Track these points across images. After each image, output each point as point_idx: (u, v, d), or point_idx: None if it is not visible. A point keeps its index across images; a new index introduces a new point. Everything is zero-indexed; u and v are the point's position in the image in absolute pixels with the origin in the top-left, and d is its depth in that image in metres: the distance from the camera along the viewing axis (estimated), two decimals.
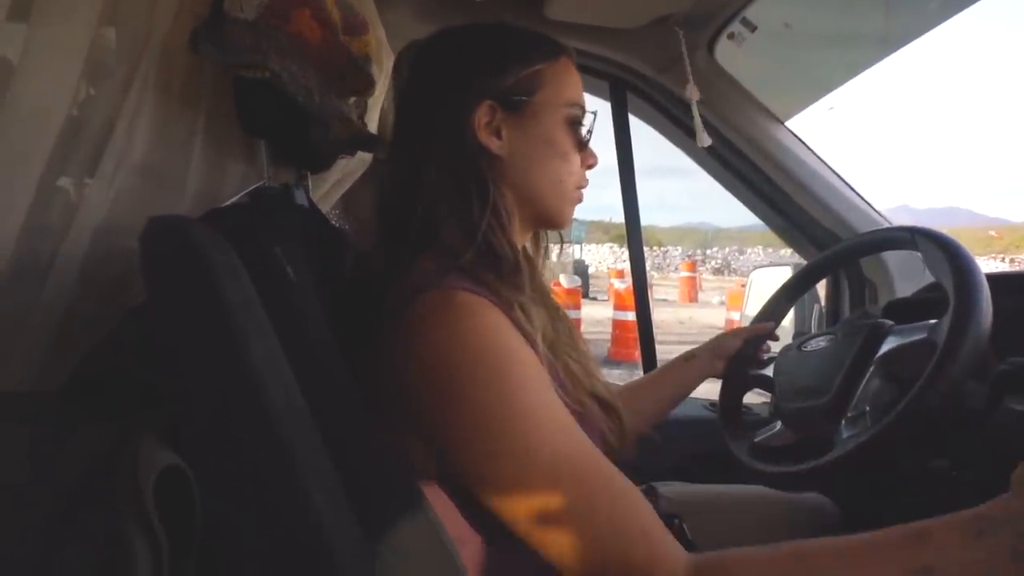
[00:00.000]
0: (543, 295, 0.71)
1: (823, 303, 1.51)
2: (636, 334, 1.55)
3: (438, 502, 0.56)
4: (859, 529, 0.84)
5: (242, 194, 0.70)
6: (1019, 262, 20.86)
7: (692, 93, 1.18)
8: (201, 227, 0.48)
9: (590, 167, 0.71)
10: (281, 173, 0.80)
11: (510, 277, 0.61)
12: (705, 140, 1.20)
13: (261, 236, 0.57)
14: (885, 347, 0.78)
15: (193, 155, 0.71)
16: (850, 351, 0.79)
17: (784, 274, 1.36)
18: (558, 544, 0.50)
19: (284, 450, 0.43)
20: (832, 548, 0.49)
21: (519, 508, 0.51)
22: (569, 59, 0.69)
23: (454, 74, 0.66)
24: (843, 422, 0.75)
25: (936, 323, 0.72)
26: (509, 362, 0.54)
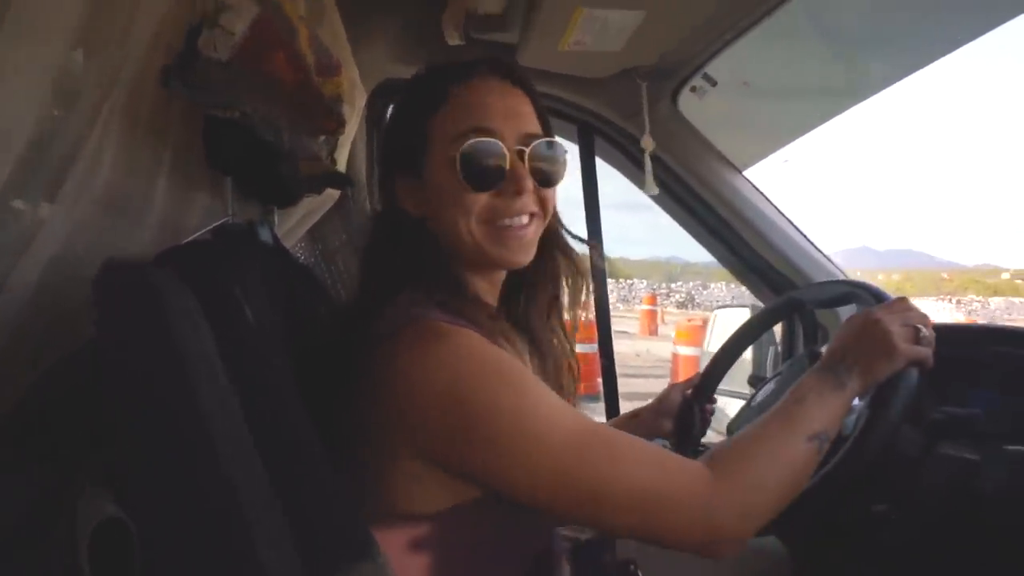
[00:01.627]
0: (532, 334, 0.73)
1: (779, 345, 1.56)
2: (594, 366, 1.57)
3: (406, 545, 0.57)
4: (810, 569, 0.86)
5: (204, 230, 0.69)
6: (965, 303, 21.92)
7: (646, 144, 1.23)
8: (157, 269, 0.48)
9: (517, 193, 0.63)
10: (247, 208, 0.80)
11: (482, 318, 0.63)
12: (652, 189, 1.26)
13: (220, 276, 0.57)
14: None
15: (157, 187, 0.71)
16: None
17: (744, 315, 1.41)
18: (612, 513, 0.57)
19: (231, 503, 0.43)
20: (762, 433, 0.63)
21: (570, 497, 0.56)
22: (473, 81, 0.65)
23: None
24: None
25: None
26: (507, 365, 0.58)
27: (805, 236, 1.42)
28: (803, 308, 0.94)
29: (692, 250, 1.53)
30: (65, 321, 0.62)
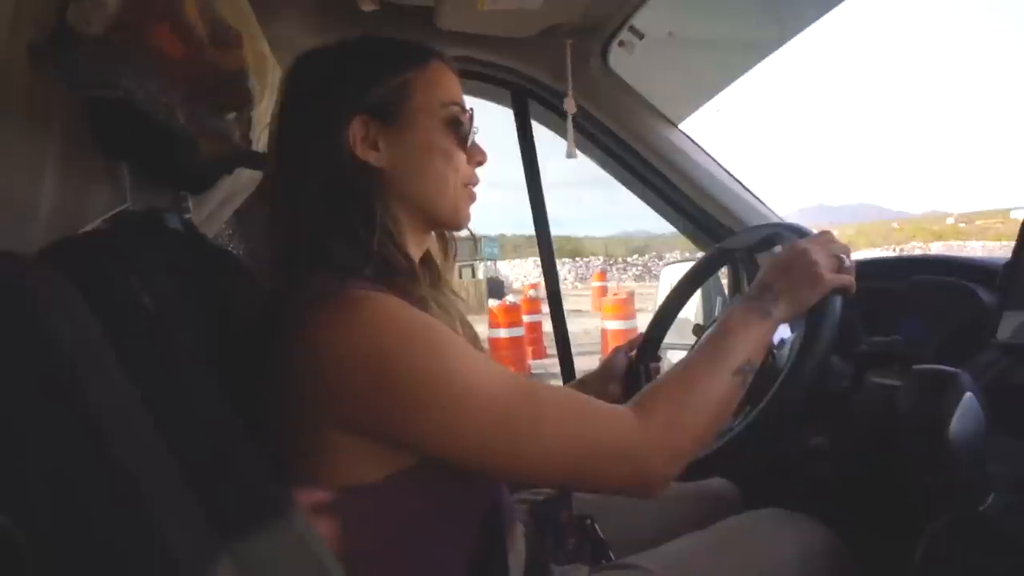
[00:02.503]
0: (449, 300, 0.72)
1: (726, 294, 1.59)
2: (522, 350, 1.59)
3: (343, 515, 0.56)
4: (759, 506, 0.88)
5: (99, 220, 0.65)
6: (908, 250, 23.02)
7: (568, 106, 1.22)
8: (30, 264, 0.45)
9: (479, 164, 0.71)
10: (155, 196, 0.76)
11: (409, 281, 0.63)
12: (573, 153, 1.25)
13: (114, 266, 0.53)
14: None
15: (45, 179, 0.65)
16: None
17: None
18: (540, 464, 0.57)
19: (130, 491, 0.41)
20: (689, 370, 0.65)
21: (500, 451, 0.56)
22: (441, 61, 0.70)
23: (323, 93, 0.65)
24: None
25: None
26: (433, 330, 0.57)
27: (743, 185, 1.43)
28: (733, 256, 0.95)
29: (658, 221, 1.54)
30: None
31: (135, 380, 0.46)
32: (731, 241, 0.99)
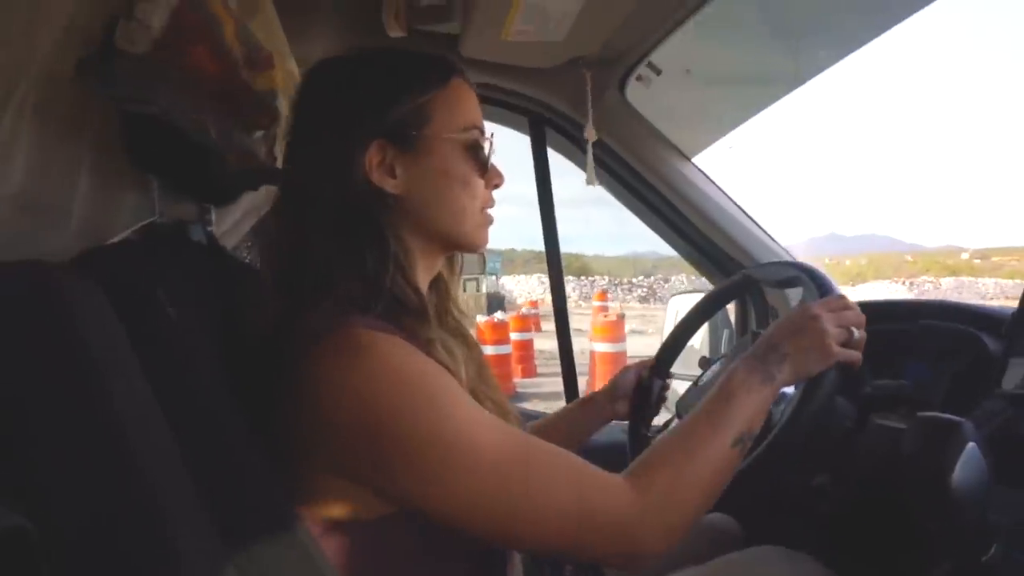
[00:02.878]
0: (458, 327, 0.72)
1: (733, 327, 1.60)
2: (508, 367, 1.60)
3: (340, 546, 0.56)
4: (759, 542, 0.88)
5: (129, 231, 0.67)
6: (918, 284, 22.85)
7: (589, 135, 1.24)
8: (62, 271, 0.47)
9: (496, 187, 0.70)
10: (180, 207, 0.78)
11: (417, 320, 0.62)
12: (594, 181, 1.27)
13: (142, 277, 0.55)
14: None
15: (78, 187, 0.68)
16: None
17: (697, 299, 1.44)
18: (528, 533, 0.55)
19: (147, 498, 0.42)
20: (688, 436, 0.62)
21: (484, 516, 0.54)
22: (461, 79, 0.67)
23: (339, 112, 0.62)
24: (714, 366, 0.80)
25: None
26: (432, 382, 0.56)
27: (755, 221, 1.45)
28: (755, 285, 0.95)
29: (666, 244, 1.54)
30: None
31: (156, 389, 0.48)
32: (755, 270, 0.99)
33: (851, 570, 0.78)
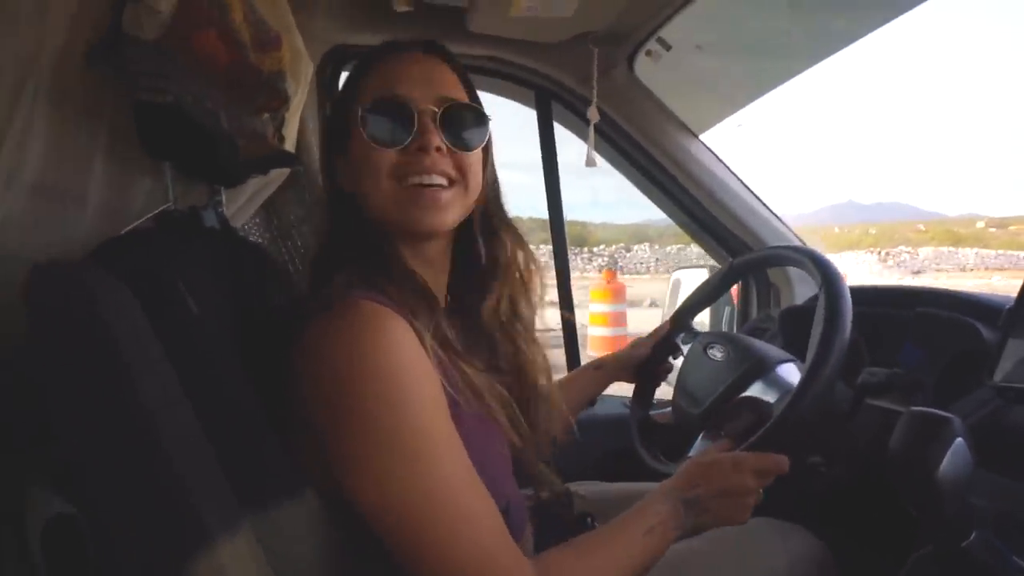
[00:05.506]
0: (481, 329, 0.72)
1: (735, 305, 1.62)
2: None
3: None
4: (754, 515, 0.92)
5: (145, 219, 0.68)
6: (895, 254, 22.58)
7: (592, 115, 1.23)
8: (90, 267, 0.48)
9: (422, 149, 0.63)
10: (192, 191, 0.79)
11: (419, 309, 0.62)
12: (592, 162, 1.26)
13: (162, 269, 0.56)
14: (752, 390, 0.86)
15: (94, 172, 0.69)
16: (729, 377, 0.88)
17: (701, 276, 1.45)
18: (421, 567, 0.54)
19: (176, 478, 0.45)
20: (601, 530, 0.66)
21: (393, 527, 0.54)
22: (409, 53, 0.67)
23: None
24: (701, 436, 0.84)
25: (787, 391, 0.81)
26: (406, 378, 0.55)
27: (759, 199, 1.45)
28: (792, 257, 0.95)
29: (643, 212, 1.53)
30: (2, 314, 0.62)
31: (180, 376, 0.50)
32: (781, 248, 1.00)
33: (842, 544, 0.82)
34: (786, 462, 0.70)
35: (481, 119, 0.68)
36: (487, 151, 0.71)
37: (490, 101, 0.77)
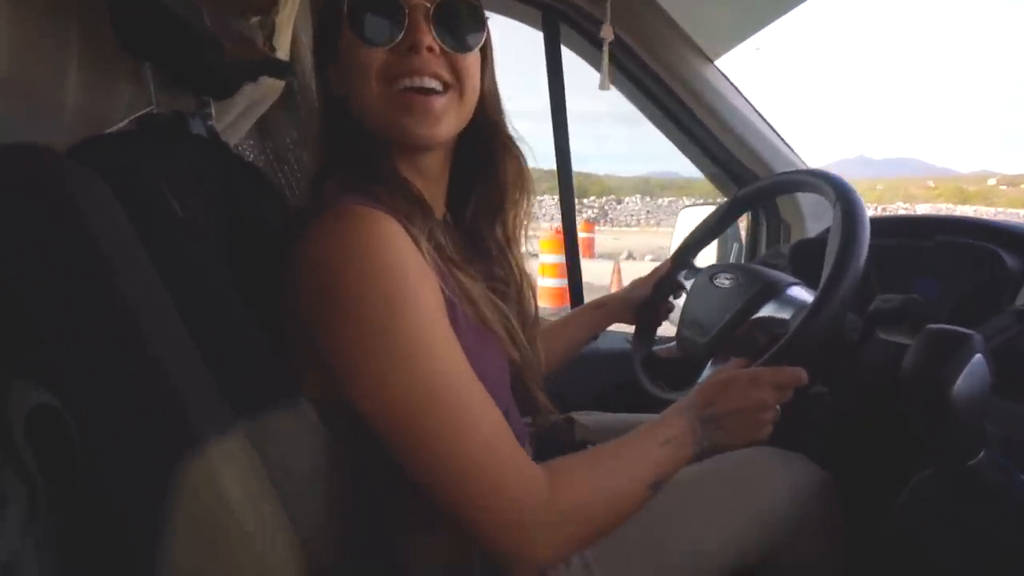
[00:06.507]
0: (479, 243, 0.71)
1: (743, 240, 1.58)
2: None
3: None
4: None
5: (126, 121, 0.64)
6: (892, 210, 22.30)
7: (606, 32, 1.16)
8: (62, 156, 0.45)
9: (412, 48, 0.59)
10: (178, 100, 0.74)
11: (414, 215, 0.60)
12: (606, 85, 1.20)
13: (144, 168, 0.53)
14: (764, 311, 0.83)
15: (69, 74, 0.64)
16: (738, 302, 0.85)
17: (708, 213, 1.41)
18: (429, 468, 0.52)
19: (162, 377, 0.44)
20: (613, 441, 0.63)
21: (397, 428, 0.52)
22: None
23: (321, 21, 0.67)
24: (710, 362, 0.82)
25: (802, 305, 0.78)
26: (401, 277, 0.53)
27: (774, 129, 1.39)
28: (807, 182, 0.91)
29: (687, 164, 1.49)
30: None
31: (163, 277, 0.48)
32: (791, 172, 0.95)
33: (843, 473, 0.82)
34: (804, 374, 0.67)
35: (478, 17, 0.63)
36: (486, 55, 0.66)
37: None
